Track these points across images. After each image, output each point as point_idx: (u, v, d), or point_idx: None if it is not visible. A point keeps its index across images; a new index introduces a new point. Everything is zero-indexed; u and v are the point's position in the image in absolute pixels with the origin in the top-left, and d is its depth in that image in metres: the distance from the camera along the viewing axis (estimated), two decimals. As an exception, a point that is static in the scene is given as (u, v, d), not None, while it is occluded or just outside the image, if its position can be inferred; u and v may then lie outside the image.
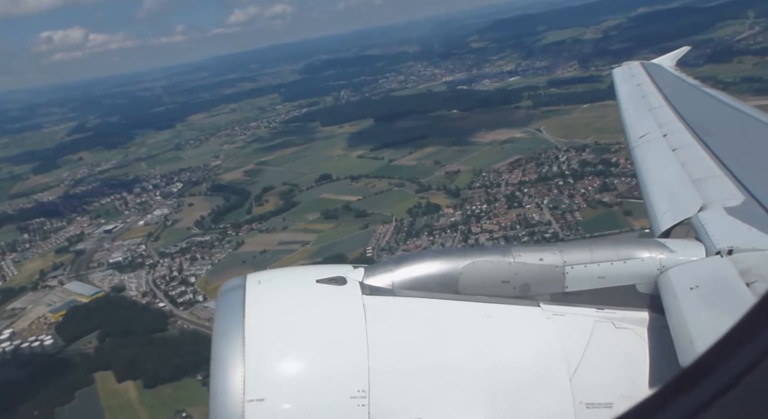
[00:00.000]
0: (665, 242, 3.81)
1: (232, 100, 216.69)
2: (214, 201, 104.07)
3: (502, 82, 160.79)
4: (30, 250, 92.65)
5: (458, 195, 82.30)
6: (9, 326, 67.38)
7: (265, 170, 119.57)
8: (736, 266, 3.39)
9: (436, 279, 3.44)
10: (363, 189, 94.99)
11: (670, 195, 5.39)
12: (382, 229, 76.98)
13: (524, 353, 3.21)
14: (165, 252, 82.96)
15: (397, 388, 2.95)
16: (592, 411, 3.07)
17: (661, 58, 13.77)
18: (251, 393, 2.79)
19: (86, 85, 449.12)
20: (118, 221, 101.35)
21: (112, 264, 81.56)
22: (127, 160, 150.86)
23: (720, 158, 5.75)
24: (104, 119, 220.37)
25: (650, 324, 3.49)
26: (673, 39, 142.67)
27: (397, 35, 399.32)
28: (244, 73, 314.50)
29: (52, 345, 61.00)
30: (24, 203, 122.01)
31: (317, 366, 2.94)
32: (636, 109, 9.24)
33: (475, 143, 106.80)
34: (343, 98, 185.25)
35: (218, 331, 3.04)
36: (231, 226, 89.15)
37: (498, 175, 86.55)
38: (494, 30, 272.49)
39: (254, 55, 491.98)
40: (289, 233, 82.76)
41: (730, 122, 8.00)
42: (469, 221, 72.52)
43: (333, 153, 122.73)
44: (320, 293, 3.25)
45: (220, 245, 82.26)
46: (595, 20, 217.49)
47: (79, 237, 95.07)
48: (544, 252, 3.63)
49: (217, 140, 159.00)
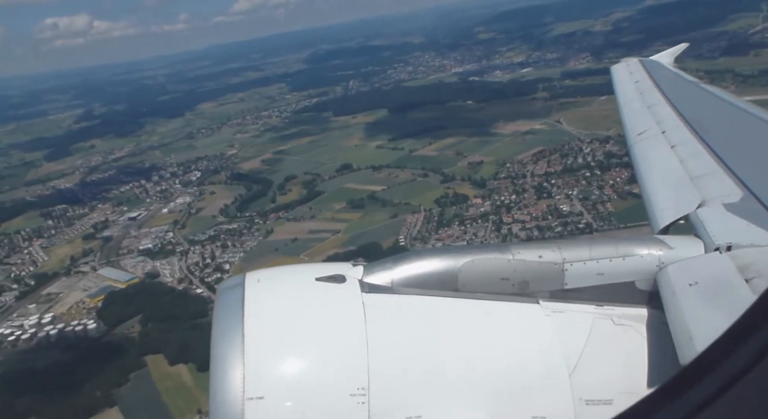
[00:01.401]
0: (664, 239, 3.85)
1: (239, 89, 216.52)
2: (235, 190, 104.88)
3: (514, 73, 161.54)
4: (56, 236, 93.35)
5: (484, 186, 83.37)
6: (47, 310, 68.36)
7: (283, 159, 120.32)
8: (735, 263, 3.42)
9: (435, 277, 3.48)
10: (386, 179, 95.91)
11: (668, 192, 5.40)
12: (411, 218, 78.03)
13: (524, 350, 3.23)
14: (194, 240, 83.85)
15: (397, 386, 2.97)
16: (591, 408, 3.10)
17: (660, 55, 13.82)
18: (251, 391, 2.81)
19: (86, 73, 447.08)
20: (141, 208, 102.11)
21: (142, 251, 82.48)
22: (140, 148, 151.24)
23: (718, 154, 5.78)
24: (111, 106, 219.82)
25: (649, 321, 3.50)
26: (685, 31, 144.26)
27: (400, 25, 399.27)
28: (247, 62, 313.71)
29: (96, 329, 62.09)
30: (41, 190, 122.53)
31: (317, 364, 2.96)
32: (634, 106, 9.28)
33: (496, 134, 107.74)
34: (352, 89, 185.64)
35: (218, 329, 3.06)
36: (257, 214, 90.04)
37: (522, 166, 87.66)
38: (500, 21, 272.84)
39: (255, 44, 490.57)
40: (318, 222, 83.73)
41: (728, 119, 7.98)
42: (500, 212, 73.63)
43: (350, 143, 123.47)
44: (319, 291, 3.26)
45: (249, 233, 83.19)
46: (602, 12, 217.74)
47: (104, 224, 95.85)
48: (543, 249, 3.68)
49: (229, 129, 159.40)
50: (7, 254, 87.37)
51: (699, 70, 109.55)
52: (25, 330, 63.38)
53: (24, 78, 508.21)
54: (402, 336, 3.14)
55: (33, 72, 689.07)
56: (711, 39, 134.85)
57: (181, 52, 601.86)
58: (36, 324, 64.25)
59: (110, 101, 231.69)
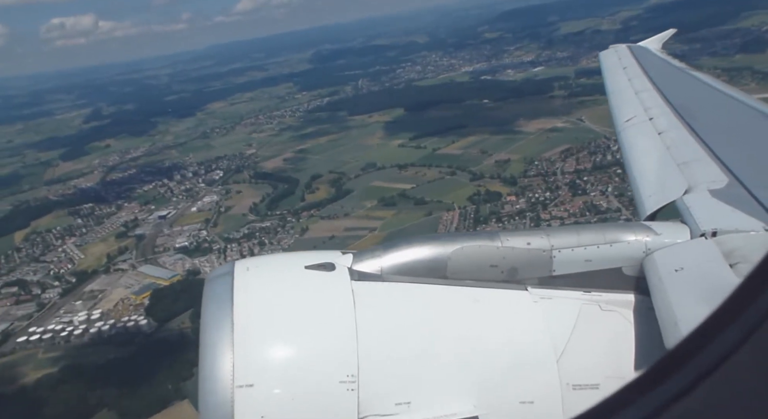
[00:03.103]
0: (651, 225, 3.89)
1: (247, 89, 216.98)
2: (260, 189, 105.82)
3: (525, 72, 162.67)
4: (88, 235, 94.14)
5: (515, 183, 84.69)
6: (93, 307, 69.35)
7: (305, 158, 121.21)
8: (720, 248, 3.46)
9: (424, 264, 3.51)
10: (414, 177, 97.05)
11: (655, 178, 5.44)
12: (447, 216, 79.31)
13: (512, 336, 3.28)
14: (229, 238, 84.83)
15: (386, 373, 3.00)
16: (578, 393, 3.15)
17: (648, 41, 13.92)
18: (240, 378, 2.83)
19: (88, 72, 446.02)
20: (169, 207, 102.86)
21: (179, 249, 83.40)
22: (156, 147, 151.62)
23: (705, 141, 5.83)
24: (119, 106, 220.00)
25: (636, 306, 3.55)
26: (696, 29, 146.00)
27: (401, 25, 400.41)
28: (250, 62, 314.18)
29: (147, 325, 63.12)
30: (63, 189, 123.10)
31: (306, 352, 2.98)
32: (622, 92, 9.27)
33: (520, 132, 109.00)
34: (362, 88, 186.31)
35: (207, 318, 3.07)
36: (288, 212, 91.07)
37: (551, 164, 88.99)
38: (504, 20, 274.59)
39: (256, 44, 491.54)
40: (352, 219, 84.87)
41: (715, 105, 8.06)
42: (536, 209, 74.98)
43: (371, 142, 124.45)
44: (309, 279, 3.28)
45: (284, 231, 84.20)
46: (607, 11, 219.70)
47: (135, 223, 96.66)
48: (532, 237, 3.71)
49: (243, 128, 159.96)
50: (42, 252, 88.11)
51: (716, 67, 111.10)
52: (75, 326, 64.39)
53: (25, 78, 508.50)
54: (391, 323, 3.18)
55: (33, 72, 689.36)
56: (724, 36, 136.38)
57: (182, 52, 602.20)
58: (85, 320, 65.25)
59: (117, 101, 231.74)
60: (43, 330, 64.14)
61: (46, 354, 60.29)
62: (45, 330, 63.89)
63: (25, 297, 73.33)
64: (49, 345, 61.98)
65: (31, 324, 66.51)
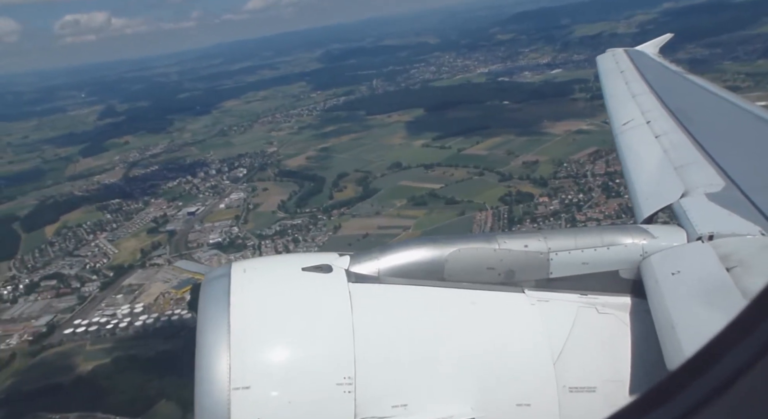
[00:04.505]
0: (648, 229, 3.89)
1: (259, 87, 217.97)
2: (286, 186, 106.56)
3: (543, 74, 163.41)
4: (118, 230, 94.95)
5: (546, 185, 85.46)
6: (134, 300, 70.21)
7: (328, 156, 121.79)
8: (717, 252, 3.45)
9: (421, 267, 3.51)
10: (441, 177, 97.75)
11: (652, 182, 5.46)
12: (480, 216, 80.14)
13: (509, 339, 3.27)
14: (261, 234, 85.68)
15: (383, 375, 3.00)
16: (575, 395, 3.15)
17: (645, 46, 13.98)
18: (237, 381, 2.82)
19: (95, 69, 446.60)
20: (197, 203, 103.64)
21: (212, 244, 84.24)
22: (175, 145, 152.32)
23: (702, 144, 5.84)
24: (131, 103, 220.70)
25: (633, 309, 3.54)
26: (716, 34, 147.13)
27: (407, 26, 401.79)
28: (260, 60, 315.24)
29: (191, 319, 63.90)
30: (87, 185, 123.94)
31: (303, 354, 2.97)
32: (620, 96, 9.33)
33: (546, 133, 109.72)
34: (377, 88, 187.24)
35: (203, 319, 3.07)
36: (318, 210, 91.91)
37: (580, 166, 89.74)
38: (515, 22, 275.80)
39: (263, 42, 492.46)
40: (384, 218, 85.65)
41: (712, 109, 8.10)
42: (570, 210, 75.79)
43: (393, 142, 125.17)
44: (306, 281, 3.28)
45: (317, 229, 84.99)
46: (620, 14, 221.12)
47: (164, 218, 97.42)
48: (529, 239, 3.72)
49: (261, 126, 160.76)
50: (75, 246, 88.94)
51: (739, 73, 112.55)
52: (119, 319, 65.21)
53: (32, 74, 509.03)
54: (388, 325, 3.18)
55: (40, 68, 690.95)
56: (745, 41, 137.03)
57: (188, 50, 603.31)
58: (129, 314, 66.09)
59: (128, 98, 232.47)
60: (88, 322, 64.99)
61: (94, 345, 61.13)
62: (90, 323, 64.76)
63: (65, 290, 74.17)
64: (95, 337, 62.79)
65: (74, 317, 67.34)
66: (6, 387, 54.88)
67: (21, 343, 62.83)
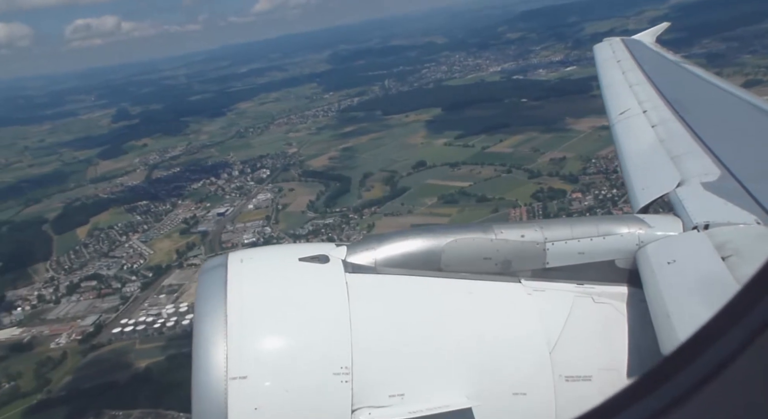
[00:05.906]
0: (644, 218, 3.91)
1: (270, 89, 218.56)
2: (312, 186, 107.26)
3: (558, 72, 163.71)
4: (150, 231, 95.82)
5: (576, 181, 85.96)
6: (176, 300, 70.99)
7: (351, 156, 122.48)
8: (712, 241, 3.47)
9: (418, 257, 3.52)
10: (468, 175, 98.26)
11: (649, 171, 5.48)
12: (514, 213, 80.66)
13: (505, 328, 3.28)
14: (294, 234, 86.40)
15: (380, 365, 3.01)
16: (571, 384, 3.17)
17: (642, 35, 13.91)
18: (234, 370, 2.83)
19: (103, 73, 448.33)
20: (225, 204, 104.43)
21: (247, 245, 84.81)
22: (194, 147, 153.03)
23: (698, 134, 5.85)
24: (144, 106, 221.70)
25: (629, 299, 3.56)
26: (732, 28, 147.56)
27: (414, 26, 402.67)
28: (268, 62, 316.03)
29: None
30: (111, 187, 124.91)
31: (300, 344, 2.99)
32: (616, 85, 9.31)
33: (570, 130, 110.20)
34: (390, 88, 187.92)
35: (200, 309, 3.08)
36: (348, 210, 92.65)
37: (609, 161, 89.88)
38: (524, 21, 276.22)
39: (269, 44, 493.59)
40: (416, 216, 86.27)
41: (708, 99, 8.11)
42: (606, 205, 76.32)
43: (414, 141, 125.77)
44: (303, 271, 3.29)
45: (350, 228, 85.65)
46: (629, 11, 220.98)
47: (194, 219, 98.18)
48: (526, 229, 3.73)
49: (277, 128, 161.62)
50: (109, 247, 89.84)
51: (759, 66, 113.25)
52: (165, 318, 65.97)
53: (41, 78, 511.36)
54: (385, 315, 3.20)
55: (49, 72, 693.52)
56: (762, 35, 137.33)
57: (195, 53, 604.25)
58: (174, 313, 66.83)
59: (139, 101, 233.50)
60: (135, 321, 65.82)
61: (143, 344, 61.95)
62: (137, 322, 65.56)
63: (107, 291, 75.05)
64: (142, 336, 63.59)
65: (119, 316, 68.18)
66: (64, 384, 55.76)
67: (70, 342, 63.76)
